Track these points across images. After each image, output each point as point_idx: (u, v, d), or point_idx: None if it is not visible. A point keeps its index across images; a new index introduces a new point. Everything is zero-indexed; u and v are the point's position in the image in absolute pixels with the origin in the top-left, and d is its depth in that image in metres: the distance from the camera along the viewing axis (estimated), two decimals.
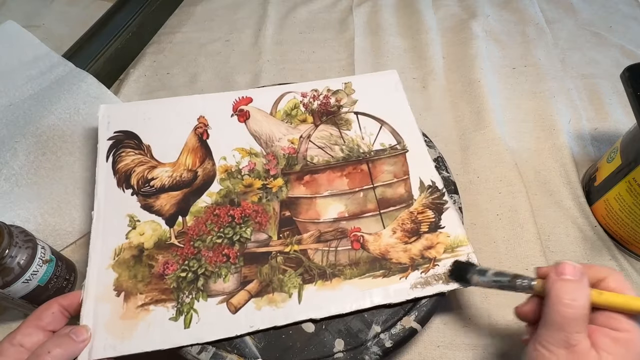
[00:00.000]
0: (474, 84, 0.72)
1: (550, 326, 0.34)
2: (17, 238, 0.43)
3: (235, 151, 0.55)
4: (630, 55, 0.79)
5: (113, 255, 0.47)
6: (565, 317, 0.33)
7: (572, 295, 0.34)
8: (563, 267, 0.36)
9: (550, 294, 0.35)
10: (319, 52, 0.79)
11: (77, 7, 0.83)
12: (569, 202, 0.60)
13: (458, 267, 0.46)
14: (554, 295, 0.34)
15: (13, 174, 0.55)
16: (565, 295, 0.34)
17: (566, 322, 0.33)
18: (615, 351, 0.32)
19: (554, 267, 0.36)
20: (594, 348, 0.33)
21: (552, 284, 0.35)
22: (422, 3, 0.87)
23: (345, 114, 0.59)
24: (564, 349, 0.33)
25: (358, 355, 0.42)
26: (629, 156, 0.53)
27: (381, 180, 0.53)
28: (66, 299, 0.42)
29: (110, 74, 0.73)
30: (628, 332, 0.33)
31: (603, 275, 0.36)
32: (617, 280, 0.36)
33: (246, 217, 0.50)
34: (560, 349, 0.33)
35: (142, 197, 0.51)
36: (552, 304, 0.34)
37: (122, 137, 0.55)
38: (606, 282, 0.36)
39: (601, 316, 0.35)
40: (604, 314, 0.35)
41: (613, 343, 0.33)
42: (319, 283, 0.46)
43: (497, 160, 0.63)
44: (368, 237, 0.49)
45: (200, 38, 0.81)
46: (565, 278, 0.35)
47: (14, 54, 0.68)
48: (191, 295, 0.45)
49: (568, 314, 0.33)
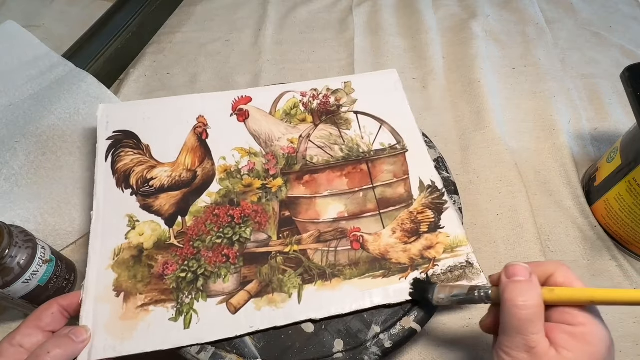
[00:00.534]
0: (474, 84, 0.72)
1: (509, 331, 0.33)
2: (17, 238, 0.43)
3: (234, 151, 0.55)
4: (630, 55, 0.79)
5: (112, 256, 0.47)
6: (520, 320, 0.33)
7: (524, 296, 0.33)
8: (512, 269, 0.35)
9: (504, 298, 0.34)
10: (319, 52, 0.79)
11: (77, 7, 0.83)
12: (569, 202, 0.60)
13: (417, 287, 0.45)
14: (507, 299, 0.34)
15: (13, 174, 0.55)
16: (517, 297, 0.33)
17: (522, 325, 0.33)
18: (574, 346, 0.32)
19: (504, 270, 0.36)
20: (553, 346, 0.32)
21: (504, 288, 0.35)
22: (422, 3, 0.87)
23: (345, 114, 0.59)
24: (525, 352, 0.32)
25: (357, 355, 0.42)
26: (629, 156, 0.53)
27: (381, 180, 0.53)
28: (66, 299, 0.42)
29: (110, 74, 0.73)
30: (583, 325, 0.33)
31: (551, 271, 0.36)
32: (565, 275, 0.35)
33: (246, 217, 0.50)
34: (521, 353, 0.33)
35: (141, 197, 0.51)
36: (506, 308, 0.34)
37: (121, 137, 0.55)
38: (554, 277, 0.36)
39: (556, 313, 0.34)
40: (558, 310, 0.34)
41: (570, 338, 0.32)
42: (319, 283, 0.46)
43: (497, 160, 0.63)
44: (368, 237, 0.49)
45: (200, 38, 0.81)
46: (516, 280, 0.35)
47: (14, 54, 0.68)
48: (191, 295, 0.45)
49: (523, 315, 0.33)
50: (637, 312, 0.52)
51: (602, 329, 0.33)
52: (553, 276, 0.36)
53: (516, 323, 0.33)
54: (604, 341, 0.33)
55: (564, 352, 0.32)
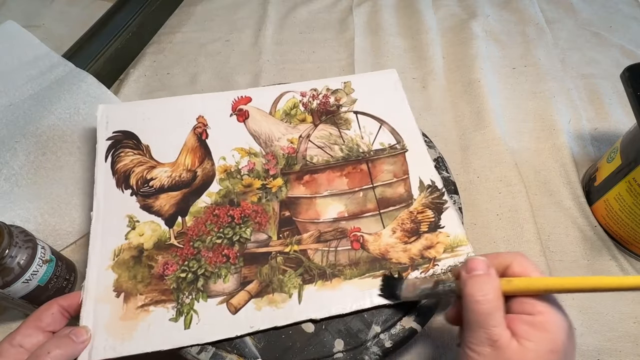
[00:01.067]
0: (474, 84, 0.72)
1: (471, 326, 0.34)
2: (17, 238, 0.43)
3: (234, 151, 0.55)
4: (630, 55, 0.79)
5: (112, 256, 0.47)
6: (481, 314, 0.33)
7: (483, 290, 0.34)
8: (471, 263, 0.36)
9: (464, 294, 0.35)
10: (319, 52, 0.79)
11: (77, 7, 0.83)
12: (569, 202, 0.60)
13: (387, 283, 0.45)
14: (467, 294, 0.34)
15: (13, 174, 0.55)
16: (477, 291, 0.34)
17: (483, 319, 0.33)
18: (534, 336, 0.32)
19: (463, 265, 0.37)
20: (514, 337, 0.32)
21: (464, 283, 0.35)
22: (422, 3, 0.87)
23: (345, 114, 0.59)
24: (489, 346, 0.33)
25: (358, 355, 0.42)
26: (629, 156, 0.53)
27: (381, 180, 0.53)
28: (66, 299, 0.42)
29: (110, 74, 0.73)
30: (542, 314, 0.33)
31: (508, 262, 0.36)
32: (521, 264, 0.36)
33: (246, 217, 0.50)
34: (485, 348, 0.33)
35: (141, 197, 0.51)
36: (467, 304, 0.34)
37: (121, 137, 0.55)
38: (512, 268, 0.36)
39: (515, 303, 0.34)
40: (518, 300, 0.34)
41: (531, 328, 0.32)
42: (319, 283, 0.46)
43: (497, 160, 0.63)
44: (368, 237, 0.49)
45: (200, 38, 0.81)
46: (474, 274, 0.35)
47: (14, 54, 0.68)
48: (191, 295, 0.45)
49: (483, 309, 0.33)
50: (637, 312, 0.52)
51: (560, 316, 0.33)
52: (511, 267, 0.36)
53: (477, 317, 0.33)
54: (563, 328, 0.33)
55: (525, 342, 0.32)
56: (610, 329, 0.51)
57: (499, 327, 0.33)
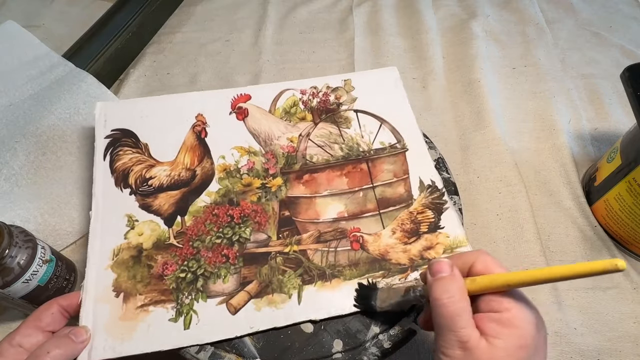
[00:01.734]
0: (474, 84, 0.72)
1: (441, 330, 0.33)
2: (17, 238, 0.43)
3: (234, 150, 0.55)
4: (630, 55, 0.79)
5: (112, 256, 0.47)
6: (447, 317, 0.33)
7: (448, 292, 0.34)
8: (435, 266, 0.35)
9: (431, 298, 0.34)
10: (319, 52, 0.79)
11: (77, 7, 0.83)
12: (569, 202, 0.60)
13: (361, 294, 0.44)
14: (433, 298, 0.34)
15: (13, 174, 0.55)
16: (442, 294, 0.34)
17: (451, 321, 0.33)
18: (502, 333, 0.32)
19: (428, 268, 0.36)
20: (483, 337, 0.32)
21: (430, 286, 0.35)
22: (422, 3, 0.86)
23: (345, 112, 0.59)
24: (459, 349, 0.32)
25: (357, 355, 0.42)
26: (629, 156, 0.53)
27: (381, 180, 0.53)
28: (66, 299, 0.42)
29: (110, 74, 0.73)
30: (508, 310, 0.33)
31: (471, 261, 0.36)
32: (484, 262, 0.35)
33: (245, 217, 0.50)
34: (456, 351, 0.32)
35: (140, 196, 0.51)
36: (434, 307, 0.34)
37: (120, 136, 0.55)
38: (475, 266, 0.35)
39: (482, 302, 0.34)
40: (485, 299, 0.34)
41: (498, 326, 0.32)
42: (319, 284, 0.46)
43: (497, 160, 0.63)
44: (368, 237, 0.49)
45: (200, 38, 0.81)
46: (439, 277, 0.35)
47: (14, 54, 0.68)
48: (190, 296, 0.45)
49: (450, 312, 0.33)
50: (637, 312, 0.52)
51: (527, 311, 0.33)
52: (474, 265, 0.36)
53: (445, 321, 0.33)
54: (531, 322, 0.33)
55: (493, 340, 0.32)
56: (610, 329, 0.51)
57: (467, 328, 0.32)
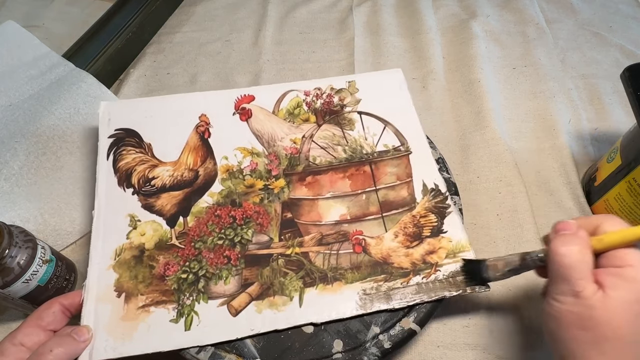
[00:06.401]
0: (474, 84, 0.72)
1: (556, 279, 0.35)
2: (17, 238, 0.43)
3: (237, 150, 0.55)
4: (630, 55, 0.79)
5: (114, 256, 0.47)
6: (564, 267, 0.34)
7: (568, 245, 0.35)
8: (560, 225, 0.37)
9: (550, 250, 0.36)
10: (319, 52, 0.79)
11: (77, 7, 0.83)
12: (569, 202, 0.60)
13: (469, 268, 0.46)
14: (552, 251, 0.36)
15: (13, 174, 0.55)
16: (561, 247, 0.35)
17: (567, 272, 0.34)
18: (620, 286, 0.33)
19: (552, 228, 0.38)
20: (600, 289, 0.33)
21: (552, 241, 0.36)
22: (422, 3, 0.86)
23: (349, 114, 0.59)
24: (572, 296, 0.34)
25: (357, 356, 0.42)
26: (629, 156, 0.53)
27: (384, 183, 0.53)
28: (67, 298, 0.43)
29: (110, 74, 0.73)
30: (632, 266, 0.34)
31: (599, 222, 0.37)
32: (614, 223, 0.36)
33: (247, 219, 0.50)
34: (568, 297, 0.34)
35: (143, 196, 0.51)
36: (552, 258, 0.36)
37: (123, 135, 0.55)
38: (603, 227, 0.37)
39: (604, 259, 0.36)
40: (607, 255, 0.35)
41: (618, 279, 0.33)
42: (320, 287, 0.46)
43: (497, 160, 0.63)
44: (370, 240, 0.49)
45: (200, 38, 0.81)
46: (561, 233, 0.36)
47: (14, 54, 0.67)
48: (192, 297, 0.45)
49: (566, 263, 0.34)
50: None
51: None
52: (601, 226, 0.37)
53: (562, 271, 0.35)
54: None
55: (610, 292, 0.33)
56: None
57: (583, 280, 0.34)
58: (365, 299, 0.45)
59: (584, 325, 0.33)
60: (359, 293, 0.46)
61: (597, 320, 0.33)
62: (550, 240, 0.37)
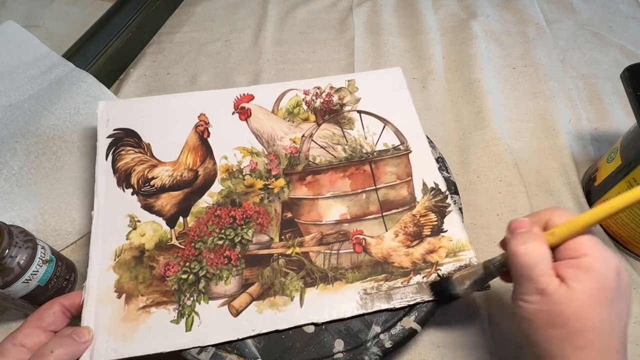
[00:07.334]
0: (474, 84, 0.72)
1: (519, 280, 0.35)
2: (17, 238, 0.43)
3: (236, 150, 0.55)
4: (630, 55, 0.79)
5: (114, 256, 0.47)
6: (525, 266, 0.34)
7: (525, 244, 0.35)
8: (513, 224, 0.37)
9: (509, 252, 0.36)
10: (319, 52, 0.79)
11: (77, 7, 0.83)
12: (569, 202, 0.60)
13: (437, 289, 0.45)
14: (511, 252, 0.36)
15: (13, 174, 0.55)
16: (519, 246, 0.35)
17: (528, 270, 0.34)
18: (581, 276, 0.33)
19: (507, 228, 0.38)
20: (563, 283, 0.33)
21: (509, 242, 0.36)
22: (422, 3, 0.86)
23: (348, 113, 0.59)
24: (538, 295, 0.34)
25: (358, 355, 0.42)
26: (629, 156, 0.53)
27: (384, 182, 0.53)
28: (67, 298, 0.43)
29: (110, 74, 0.73)
30: (587, 255, 0.34)
31: (548, 216, 0.37)
32: (561, 215, 0.36)
33: (247, 219, 0.50)
34: (534, 296, 0.34)
35: (142, 196, 0.51)
36: (512, 259, 0.36)
37: (122, 135, 0.55)
38: (552, 220, 0.37)
39: (561, 251, 0.35)
40: (563, 248, 0.35)
41: (577, 270, 0.33)
42: (321, 286, 0.46)
43: (497, 160, 0.63)
44: (370, 240, 0.49)
45: (200, 38, 0.81)
46: (517, 232, 0.36)
47: (14, 54, 0.67)
48: (192, 297, 0.45)
49: (526, 262, 0.34)
50: (637, 312, 0.52)
51: (606, 255, 0.34)
52: (551, 220, 0.37)
53: (522, 270, 0.35)
54: (611, 266, 0.34)
55: (572, 284, 0.33)
56: None
57: (545, 276, 0.34)
58: (366, 299, 0.45)
59: (554, 322, 0.33)
60: (359, 293, 0.46)
61: (566, 315, 0.32)
62: (507, 243, 0.37)
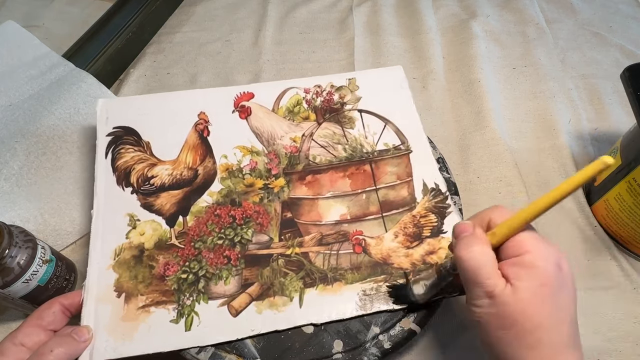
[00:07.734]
0: (474, 84, 0.72)
1: (468, 284, 0.35)
2: (17, 238, 0.43)
3: (236, 149, 0.55)
4: (630, 55, 0.79)
5: (113, 256, 0.47)
6: (471, 270, 0.34)
7: (469, 248, 0.35)
8: (457, 228, 0.37)
9: (455, 257, 0.36)
10: (319, 52, 0.79)
11: (77, 7, 0.83)
12: (569, 202, 0.60)
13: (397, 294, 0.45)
14: (457, 257, 0.35)
15: (13, 174, 0.55)
16: (463, 251, 0.35)
17: (475, 275, 0.34)
18: (523, 274, 0.33)
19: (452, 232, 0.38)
20: (508, 283, 0.33)
21: (454, 248, 0.36)
22: (422, 3, 0.86)
23: (349, 112, 0.59)
24: (487, 298, 0.33)
25: (357, 356, 0.42)
26: (629, 156, 0.53)
27: (384, 182, 0.53)
28: (67, 298, 0.43)
29: (110, 74, 0.73)
30: (528, 252, 0.34)
31: (488, 217, 0.37)
32: (501, 215, 0.36)
33: (247, 218, 0.50)
34: (484, 300, 0.34)
35: (142, 195, 0.51)
36: (459, 264, 0.35)
37: (121, 133, 0.54)
38: (493, 220, 0.37)
39: (504, 251, 0.35)
40: (505, 247, 0.35)
41: (520, 268, 0.33)
42: (320, 287, 0.46)
43: (497, 160, 0.63)
44: (370, 240, 0.49)
45: (200, 38, 0.81)
46: (461, 237, 0.36)
47: (14, 54, 0.67)
48: (192, 297, 0.45)
49: (471, 266, 0.34)
50: (637, 312, 0.52)
51: (546, 250, 0.34)
52: (492, 220, 0.37)
53: (470, 275, 0.34)
54: (550, 261, 0.33)
55: (516, 283, 0.33)
56: (610, 329, 0.51)
57: (492, 279, 0.33)
58: (365, 300, 0.45)
59: (504, 324, 0.33)
60: (359, 293, 0.45)
61: (514, 316, 0.32)
62: (453, 247, 0.37)
